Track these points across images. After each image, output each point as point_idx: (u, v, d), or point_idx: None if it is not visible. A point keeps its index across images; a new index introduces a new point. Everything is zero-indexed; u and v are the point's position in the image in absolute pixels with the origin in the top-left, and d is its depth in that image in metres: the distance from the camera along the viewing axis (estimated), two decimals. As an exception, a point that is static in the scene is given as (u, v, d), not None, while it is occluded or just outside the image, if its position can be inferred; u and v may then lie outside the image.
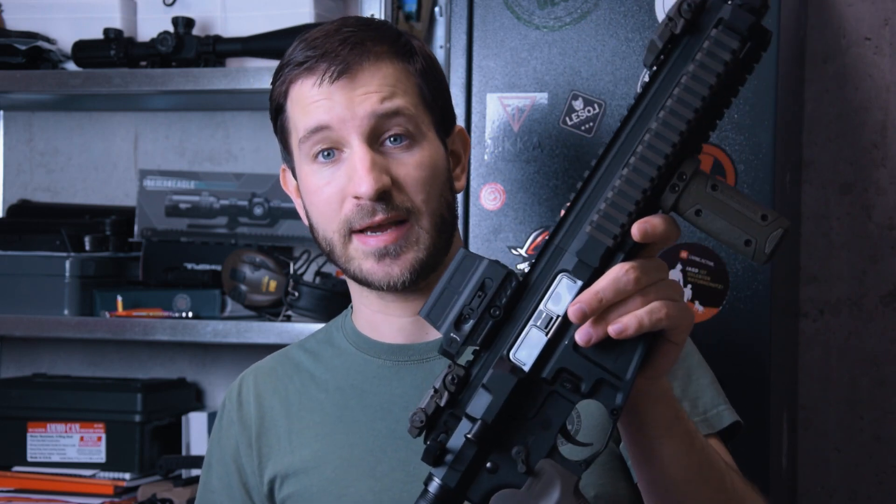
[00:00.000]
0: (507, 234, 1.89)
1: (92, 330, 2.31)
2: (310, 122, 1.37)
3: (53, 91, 2.35)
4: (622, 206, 1.04)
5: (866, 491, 2.30)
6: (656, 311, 1.04)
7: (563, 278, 1.07)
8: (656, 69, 1.05)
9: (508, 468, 1.07)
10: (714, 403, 1.40)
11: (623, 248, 1.05)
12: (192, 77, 2.24)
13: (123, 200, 2.61)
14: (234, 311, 2.32)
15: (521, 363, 1.07)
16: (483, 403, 1.06)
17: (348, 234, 1.37)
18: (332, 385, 1.46)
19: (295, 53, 1.40)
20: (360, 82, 1.36)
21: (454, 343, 1.07)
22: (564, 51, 1.87)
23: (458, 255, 1.09)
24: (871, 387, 2.30)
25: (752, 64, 1.04)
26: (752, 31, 1.02)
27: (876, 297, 2.29)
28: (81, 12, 2.38)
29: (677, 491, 1.18)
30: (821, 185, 2.31)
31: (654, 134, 1.03)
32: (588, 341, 1.05)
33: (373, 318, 1.46)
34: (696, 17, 1.03)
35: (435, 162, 1.39)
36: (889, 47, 2.28)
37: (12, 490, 2.35)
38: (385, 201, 1.34)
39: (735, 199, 1.05)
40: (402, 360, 1.44)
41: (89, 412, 2.35)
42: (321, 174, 1.38)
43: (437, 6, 2.44)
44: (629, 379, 1.05)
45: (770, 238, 1.03)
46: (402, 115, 1.36)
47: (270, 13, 2.27)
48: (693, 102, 1.02)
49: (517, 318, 1.07)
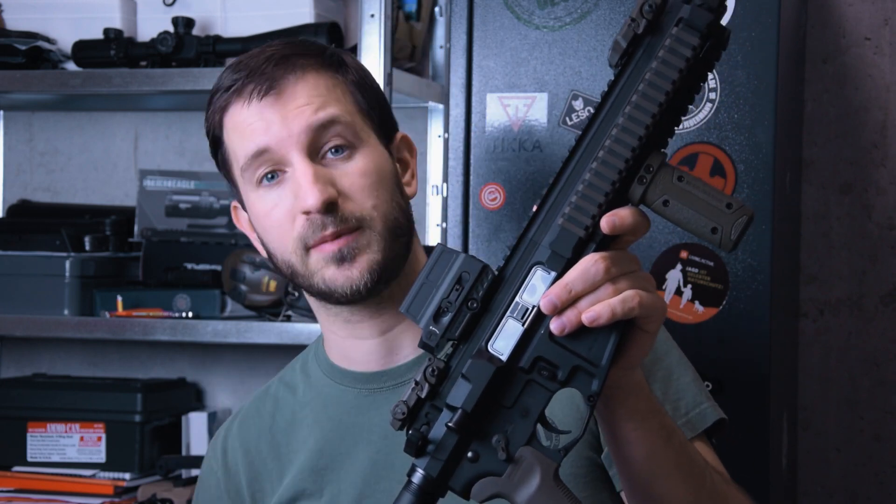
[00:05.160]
0: (507, 234, 1.89)
1: (92, 330, 2.31)
2: (248, 148, 1.35)
3: (53, 91, 2.35)
4: (592, 197, 1.07)
5: (866, 491, 2.30)
6: (629, 300, 1.05)
7: (537, 270, 1.09)
8: (621, 68, 1.09)
9: (489, 457, 1.09)
10: (696, 402, 1.38)
11: (594, 239, 1.08)
12: (192, 77, 2.23)
13: (123, 200, 2.61)
14: (234, 311, 2.32)
15: (499, 353, 1.09)
16: (463, 392, 1.08)
17: (305, 251, 1.35)
18: (312, 419, 1.45)
19: (223, 79, 1.38)
20: (290, 97, 1.34)
21: (433, 336, 1.09)
22: (564, 51, 1.87)
23: (436, 250, 1.11)
24: (871, 387, 2.30)
25: (713, 61, 1.08)
26: (710, 28, 1.06)
27: (876, 297, 2.29)
28: (81, 12, 2.38)
29: (655, 486, 1.18)
30: (821, 185, 2.31)
31: (621, 128, 1.07)
32: (563, 330, 1.06)
33: (342, 345, 1.44)
34: (657, 17, 1.07)
35: (379, 167, 1.37)
36: (889, 47, 2.28)
37: (12, 490, 2.35)
38: (334, 213, 1.32)
39: (700, 189, 1.08)
40: (376, 388, 1.42)
41: (89, 412, 2.35)
42: (268, 198, 1.36)
43: (437, 6, 2.44)
44: (604, 364, 1.07)
45: (735, 225, 1.06)
46: (339, 124, 1.34)
47: (270, 13, 2.27)
48: (657, 97, 1.06)
49: (494, 311, 1.09)
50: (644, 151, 1.07)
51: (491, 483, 1.09)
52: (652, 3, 1.06)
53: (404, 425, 1.09)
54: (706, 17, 1.05)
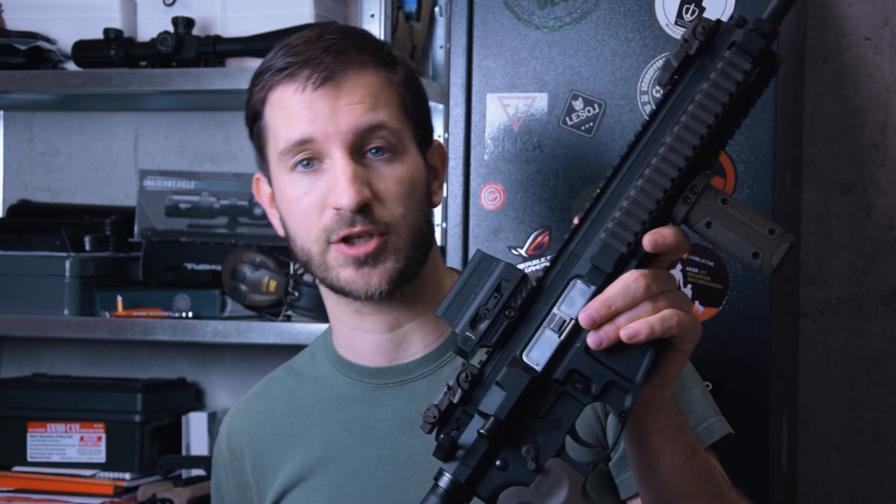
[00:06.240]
0: (507, 234, 1.89)
1: (92, 330, 2.31)
2: (293, 135, 1.35)
3: (53, 91, 2.35)
4: (636, 214, 1.08)
5: (866, 491, 2.30)
6: (668, 319, 1.06)
7: (576, 282, 1.10)
8: (671, 87, 1.10)
9: (518, 465, 1.09)
10: (704, 416, 1.39)
11: (636, 256, 1.09)
12: (192, 77, 2.23)
13: (123, 200, 2.61)
14: (234, 311, 2.32)
15: (534, 363, 1.09)
16: (496, 400, 1.08)
17: (326, 244, 1.36)
18: (317, 408, 1.46)
19: (275, 60, 1.37)
20: (344, 92, 1.34)
21: (469, 341, 1.09)
22: (564, 51, 1.88)
23: (476, 256, 1.11)
24: (871, 387, 2.30)
25: (762, 87, 1.09)
26: (762, 54, 1.08)
27: (876, 297, 2.29)
28: (81, 12, 2.38)
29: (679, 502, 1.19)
30: (821, 185, 2.31)
31: (669, 147, 1.08)
32: (599, 345, 1.07)
33: (350, 336, 1.45)
34: (710, 39, 1.08)
35: (415, 177, 1.38)
36: (889, 47, 2.28)
37: (12, 490, 2.35)
38: (365, 213, 1.34)
39: (744, 213, 1.09)
40: (382, 384, 1.43)
41: (89, 412, 2.35)
42: (300, 183, 1.37)
43: (437, 6, 2.44)
44: (638, 381, 1.08)
45: (777, 251, 1.08)
46: (385, 129, 1.35)
47: (270, 13, 2.26)
48: (706, 119, 1.07)
49: (531, 320, 1.10)
50: (690, 172, 1.08)
51: (518, 492, 1.09)
52: (705, 24, 1.08)
53: (434, 429, 1.10)
54: (759, 42, 1.07)
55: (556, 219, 1.87)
